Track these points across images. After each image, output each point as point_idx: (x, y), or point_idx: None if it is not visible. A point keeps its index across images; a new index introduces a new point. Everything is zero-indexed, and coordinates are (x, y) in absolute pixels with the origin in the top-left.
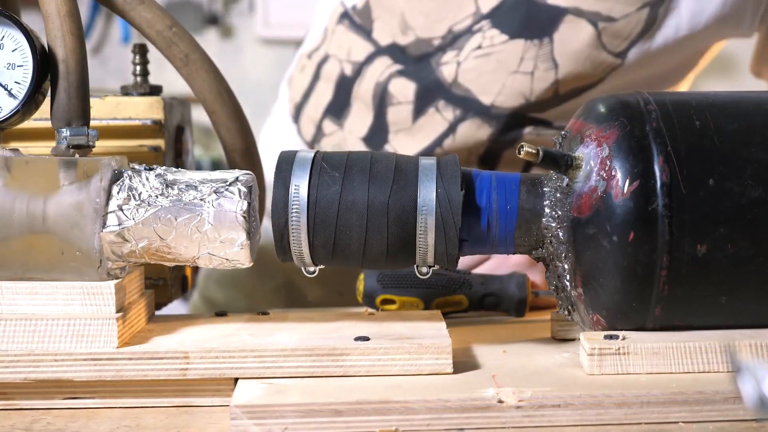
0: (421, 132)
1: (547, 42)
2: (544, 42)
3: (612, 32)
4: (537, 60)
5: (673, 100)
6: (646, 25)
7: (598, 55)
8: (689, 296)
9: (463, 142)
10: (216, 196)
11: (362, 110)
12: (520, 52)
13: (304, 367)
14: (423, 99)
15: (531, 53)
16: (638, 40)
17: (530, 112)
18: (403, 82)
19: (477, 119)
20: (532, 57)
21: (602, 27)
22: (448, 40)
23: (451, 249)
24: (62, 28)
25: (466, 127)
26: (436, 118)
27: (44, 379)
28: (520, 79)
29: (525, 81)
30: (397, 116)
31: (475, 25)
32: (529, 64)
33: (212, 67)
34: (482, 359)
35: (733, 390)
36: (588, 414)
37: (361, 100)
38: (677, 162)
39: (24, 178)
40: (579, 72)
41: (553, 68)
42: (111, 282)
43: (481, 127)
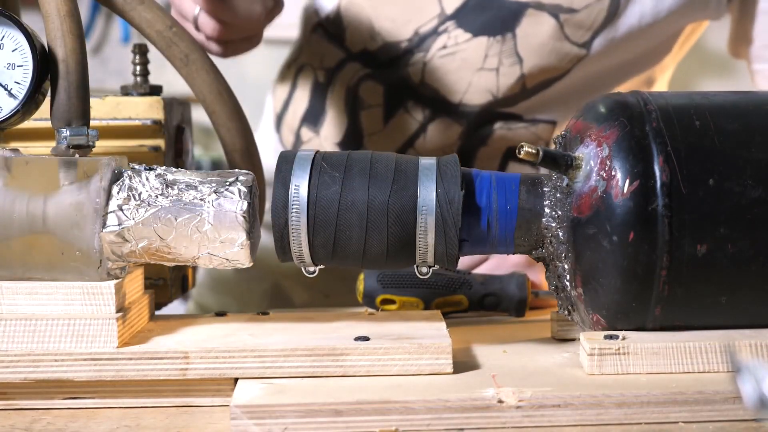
0: (393, 134)
1: (510, 37)
2: (507, 38)
3: (574, 23)
4: (501, 56)
5: (673, 100)
6: (608, 14)
7: (562, 46)
8: (689, 296)
9: (435, 141)
10: (216, 196)
11: (336, 116)
12: (483, 49)
13: (304, 367)
14: (392, 101)
15: (495, 50)
16: (602, 30)
17: (499, 108)
18: (372, 85)
19: (446, 118)
20: (496, 53)
21: (564, 18)
22: (414, 42)
23: (451, 249)
24: (62, 28)
25: (436, 126)
26: (406, 118)
27: (44, 379)
28: (486, 76)
29: (491, 77)
30: (369, 120)
31: (441, 26)
32: (494, 60)
33: (212, 67)
34: (482, 359)
35: (733, 390)
36: (588, 414)
37: (335, 106)
38: (677, 162)
39: (24, 178)
40: (544, 65)
41: (518, 63)
42: (111, 282)
43: (451, 125)
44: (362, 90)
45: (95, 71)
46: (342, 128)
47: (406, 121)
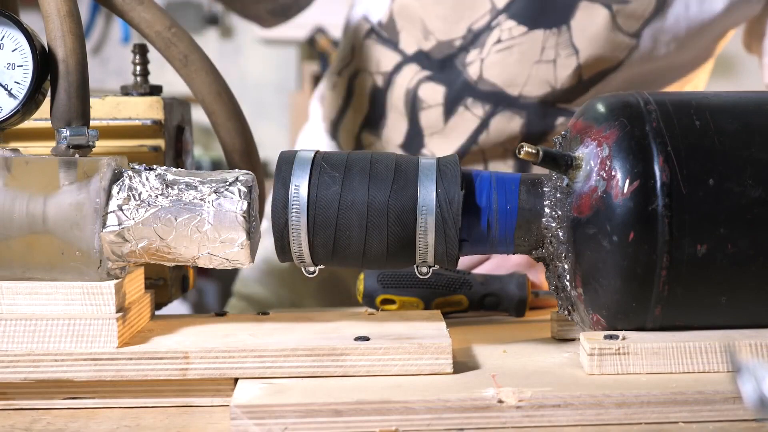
0: (454, 132)
1: (565, 29)
2: (562, 29)
3: (626, 13)
4: (558, 48)
5: (673, 100)
6: (658, 5)
7: (615, 36)
8: (689, 296)
9: (497, 135)
10: (216, 196)
11: (397, 118)
12: (540, 42)
13: (304, 367)
14: (451, 100)
15: (551, 42)
16: (651, 19)
17: (558, 102)
18: (432, 86)
19: (507, 111)
20: (553, 45)
21: (616, 9)
22: (469, 40)
23: (451, 249)
24: (62, 28)
25: (498, 120)
26: (467, 115)
27: (44, 379)
28: (544, 68)
29: (548, 69)
30: (429, 120)
31: (493, 20)
32: (551, 52)
33: (211, 67)
34: (482, 359)
35: (733, 390)
36: (588, 414)
37: (395, 108)
38: (677, 162)
39: (24, 178)
40: (599, 55)
41: (574, 54)
42: (111, 282)
43: (513, 118)
44: (422, 91)
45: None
46: (403, 130)
47: (466, 117)
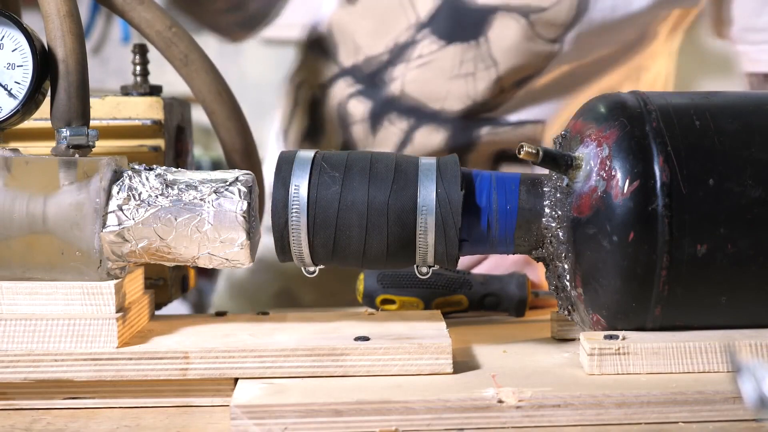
0: (381, 146)
1: (483, 42)
2: (480, 42)
3: (545, 22)
4: (476, 61)
5: (673, 100)
6: (578, 10)
7: (534, 45)
8: (689, 296)
9: (421, 149)
10: (216, 196)
11: (333, 131)
12: (458, 56)
13: (304, 367)
14: (375, 114)
15: (469, 55)
16: (573, 25)
17: (481, 113)
18: (359, 101)
19: (430, 125)
20: (471, 59)
21: (534, 18)
22: (394, 54)
23: (451, 249)
24: (62, 28)
25: (421, 134)
26: (391, 130)
27: (44, 379)
28: (463, 82)
29: (467, 83)
30: (358, 134)
31: (418, 34)
32: (469, 65)
33: (211, 67)
34: (482, 359)
35: (733, 390)
36: (588, 414)
37: (330, 121)
38: (677, 162)
39: (24, 178)
40: (519, 65)
41: (493, 66)
42: (111, 282)
43: (435, 132)
44: (350, 105)
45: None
46: (339, 142)
47: (390, 132)
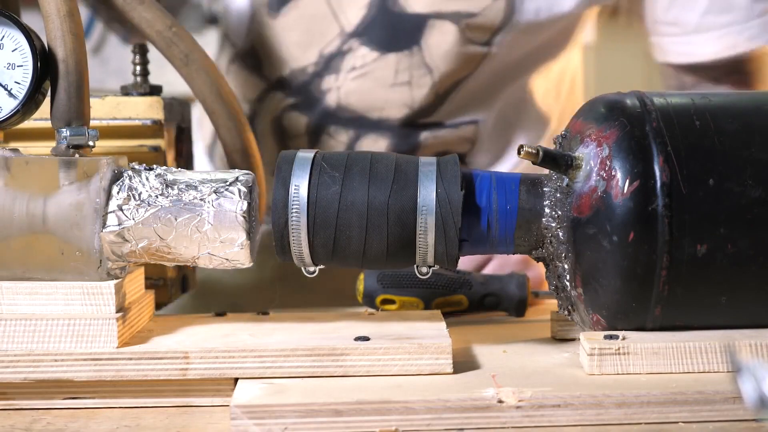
0: None
1: (417, 50)
2: (414, 51)
3: (475, 26)
4: (411, 69)
5: (674, 100)
6: (506, 14)
7: (466, 50)
8: (689, 296)
9: None
10: (216, 196)
11: (267, 145)
12: (393, 65)
13: (304, 367)
14: (314, 129)
15: (404, 64)
16: (502, 28)
17: (420, 119)
18: (295, 115)
19: (371, 134)
20: (406, 67)
21: (465, 24)
22: (321, 66)
23: (451, 249)
24: (62, 28)
25: (363, 144)
26: (332, 143)
27: (44, 379)
28: (400, 91)
29: (404, 91)
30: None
31: (344, 45)
32: (405, 74)
33: (212, 67)
34: (482, 359)
35: (733, 390)
36: (588, 414)
37: (264, 136)
38: (677, 162)
39: (24, 178)
40: (453, 69)
41: (428, 73)
42: (111, 282)
43: (378, 140)
44: (286, 120)
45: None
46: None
47: (331, 145)
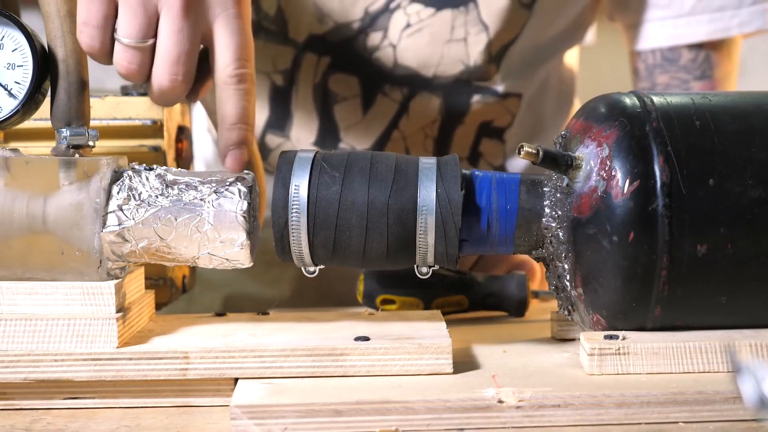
0: (374, 120)
1: (473, 7)
2: (469, 7)
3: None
4: (467, 26)
5: (674, 100)
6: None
7: (516, 9)
8: (689, 296)
9: (417, 118)
10: (216, 196)
11: (305, 116)
12: (449, 21)
13: (304, 367)
14: (369, 89)
15: (460, 20)
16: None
17: (474, 80)
18: (343, 77)
19: (424, 92)
20: (462, 24)
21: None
22: (366, 22)
23: (451, 249)
24: (62, 28)
25: (416, 102)
26: (386, 101)
27: (44, 379)
28: (456, 47)
29: (460, 48)
30: (344, 112)
31: (392, 3)
32: (461, 31)
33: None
34: (482, 359)
35: (733, 390)
36: (588, 414)
37: (302, 106)
38: (677, 162)
39: (24, 178)
40: (505, 28)
41: (484, 30)
42: (111, 282)
43: (430, 99)
44: (332, 84)
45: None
46: (314, 127)
47: (385, 104)
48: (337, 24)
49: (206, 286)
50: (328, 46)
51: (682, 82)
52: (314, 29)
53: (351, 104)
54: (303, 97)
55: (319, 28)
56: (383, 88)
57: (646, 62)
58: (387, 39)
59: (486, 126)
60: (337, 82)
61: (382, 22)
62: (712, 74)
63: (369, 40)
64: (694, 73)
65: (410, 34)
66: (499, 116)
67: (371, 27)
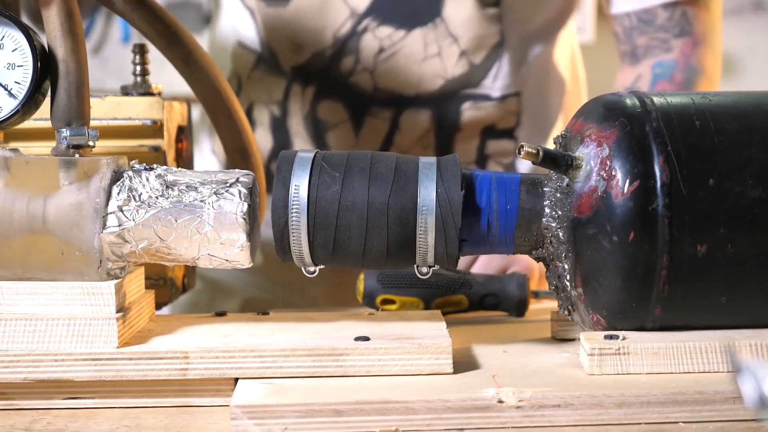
0: (368, 140)
1: (440, 21)
2: (437, 22)
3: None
4: (438, 41)
5: (674, 100)
6: None
7: (485, 13)
8: (689, 296)
9: (410, 131)
10: (216, 197)
11: (303, 145)
12: (421, 39)
13: (304, 367)
14: (356, 112)
15: (431, 37)
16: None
17: (459, 89)
18: (330, 104)
19: (412, 108)
20: (434, 39)
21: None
22: (337, 48)
23: (451, 249)
24: (62, 28)
25: (406, 117)
26: (375, 121)
27: (44, 379)
28: (432, 63)
29: (436, 63)
30: (338, 137)
31: (358, 26)
32: (434, 47)
33: (212, 66)
34: (482, 359)
35: (733, 390)
36: (588, 414)
37: (299, 134)
38: (677, 162)
39: (24, 178)
40: (478, 34)
41: (454, 42)
42: (111, 282)
43: (419, 113)
44: (321, 112)
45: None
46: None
47: (375, 123)
48: (312, 53)
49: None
50: (310, 75)
51: (662, 42)
52: (294, 61)
53: (342, 129)
54: (297, 127)
55: (298, 59)
56: (370, 110)
57: (623, 25)
58: (361, 63)
59: (490, 130)
60: (325, 110)
61: (352, 45)
62: (692, 30)
63: (342, 65)
64: (672, 31)
65: (385, 59)
66: (500, 119)
67: (342, 52)
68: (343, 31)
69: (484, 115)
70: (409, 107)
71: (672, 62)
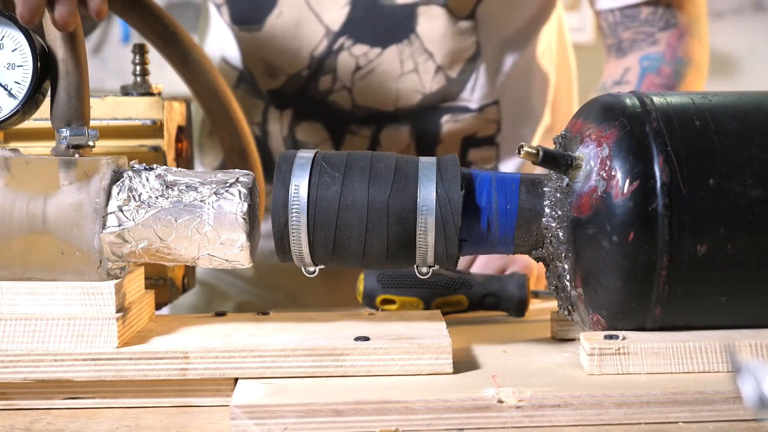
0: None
1: (414, 37)
2: (411, 39)
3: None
4: (414, 56)
5: (674, 100)
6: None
7: (458, 27)
8: (689, 296)
9: (390, 147)
10: (216, 197)
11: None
12: (397, 56)
13: (304, 367)
14: (335, 131)
15: (407, 53)
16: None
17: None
18: (308, 125)
19: (392, 124)
20: (409, 56)
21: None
22: (314, 67)
23: (451, 249)
24: None
25: (386, 134)
26: (356, 139)
27: (44, 379)
28: (409, 79)
29: (413, 79)
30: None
31: (334, 44)
32: (410, 63)
33: (210, 67)
34: (482, 359)
35: (733, 390)
36: (588, 414)
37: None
38: (677, 162)
39: (24, 178)
40: (453, 49)
41: (430, 58)
42: (111, 282)
43: (399, 128)
44: (300, 133)
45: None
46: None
47: (355, 141)
48: (288, 76)
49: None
50: (286, 99)
51: (648, 36)
52: (270, 85)
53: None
54: (278, 148)
55: (274, 83)
56: (350, 128)
57: (607, 20)
58: (339, 81)
59: (470, 139)
60: (304, 131)
61: (329, 64)
62: (677, 22)
63: (320, 84)
64: (657, 25)
65: (362, 77)
66: (479, 129)
67: (319, 71)
68: (319, 50)
69: (463, 127)
70: (388, 123)
71: (659, 55)
